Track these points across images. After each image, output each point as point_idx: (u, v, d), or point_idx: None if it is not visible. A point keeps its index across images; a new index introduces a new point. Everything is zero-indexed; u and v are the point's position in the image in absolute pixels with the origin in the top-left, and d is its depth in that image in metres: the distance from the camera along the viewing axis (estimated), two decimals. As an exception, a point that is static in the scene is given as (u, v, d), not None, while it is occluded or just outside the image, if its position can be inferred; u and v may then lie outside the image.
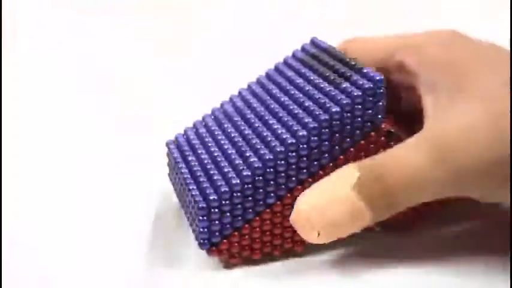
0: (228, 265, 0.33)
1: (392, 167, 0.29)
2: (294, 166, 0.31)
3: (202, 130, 0.35)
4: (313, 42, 0.35)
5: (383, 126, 0.31)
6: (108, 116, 0.50)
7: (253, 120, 0.33)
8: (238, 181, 0.30)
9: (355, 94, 0.30)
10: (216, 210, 0.30)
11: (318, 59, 0.34)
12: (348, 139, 0.31)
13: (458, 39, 0.33)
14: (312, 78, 0.33)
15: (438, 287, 0.32)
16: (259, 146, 0.31)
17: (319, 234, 0.29)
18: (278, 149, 0.30)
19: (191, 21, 0.61)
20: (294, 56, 0.36)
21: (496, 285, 0.31)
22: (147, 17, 0.61)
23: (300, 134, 0.30)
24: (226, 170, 0.31)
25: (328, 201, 0.29)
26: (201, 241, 0.31)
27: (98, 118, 0.50)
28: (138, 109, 0.50)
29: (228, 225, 0.31)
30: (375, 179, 0.29)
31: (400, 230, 0.35)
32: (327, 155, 0.31)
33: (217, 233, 0.31)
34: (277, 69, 0.35)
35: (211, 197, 0.30)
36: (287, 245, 0.33)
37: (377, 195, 0.29)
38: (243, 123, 0.33)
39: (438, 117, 0.30)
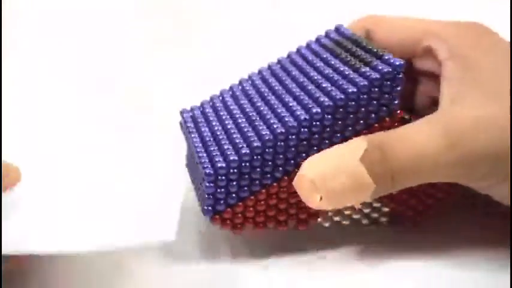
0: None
1: (401, 144, 0.29)
2: (305, 142, 0.31)
3: (219, 104, 0.35)
4: (337, 29, 0.35)
5: (398, 112, 0.31)
6: (108, 114, 0.50)
7: (269, 97, 0.33)
8: (247, 151, 0.30)
9: (374, 77, 0.30)
10: (223, 177, 0.31)
11: (341, 45, 0.34)
12: (362, 121, 0.31)
13: (487, 35, 0.33)
14: (332, 62, 0.33)
15: (442, 281, 0.32)
16: (272, 120, 0.31)
17: (321, 198, 0.29)
18: (290, 124, 0.30)
19: (194, 17, 0.61)
20: (317, 40, 0.36)
21: (498, 278, 0.31)
22: (147, 16, 0.61)
23: (314, 111, 0.30)
24: (237, 140, 0.31)
25: (334, 169, 0.29)
26: (206, 208, 0.32)
27: (98, 117, 0.50)
28: (138, 108, 0.50)
29: (233, 195, 0.31)
30: (382, 154, 0.29)
31: (407, 223, 0.35)
32: (338, 134, 0.31)
33: (222, 201, 0.31)
34: (298, 51, 0.36)
35: (219, 165, 0.30)
36: (291, 221, 0.33)
37: (382, 169, 0.29)
38: (259, 99, 0.33)
39: (454, 105, 0.31)
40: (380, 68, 0.30)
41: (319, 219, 0.34)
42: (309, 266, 0.33)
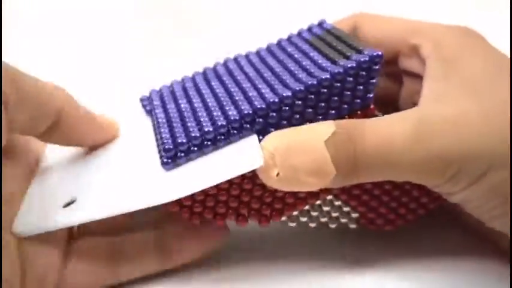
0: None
1: (370, 132, 0.28)
2: (272, 129, 0.29)
3: (189, 84, 0.34)
4: (320, 24, 0.34)
5: (371, 107, 0.30)
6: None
7: (241, 80, 0.31)
8: (211, 129, 0.29)
9: (349, 65, 0.29)
10: (182, 154, 0.29)
11: (322, 39, 0.33)
12: (333, 111, 0.30)
13: (474, 39, 0.33)
14: (311, 54, 0.32)
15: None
16: (240, 102, 0.30)
17: (278, 175, 0.27)
18: (258, 106, 0.29)
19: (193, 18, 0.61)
20: (299, 34, 0.35)
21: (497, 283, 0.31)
22: (146, 16, 0.61)
23: (284, 94, 0.29)
24: (202, 118, 0.30)
25: (297, 146, 0.28)
26: (165, 160, 0.29)
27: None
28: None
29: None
30: (348, 140, 0.28)
31: (374, 230, 0.34)
32: (308, 122, 0.29)
33: (182, 154, 0.29)
34: (279, 43, 0.34)
35: (179, 140, 0.29)
36: (252, 217, 0.31)
37: (345, 154, 0.28)
38: (231, 81, 0.32)
39: (430, 103, 0.30)
40: (357, 58, 0.29)
41: (283, 218, 0.32)
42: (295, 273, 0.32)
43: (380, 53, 0.29)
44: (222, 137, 0.29)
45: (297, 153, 0.27)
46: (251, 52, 0.35)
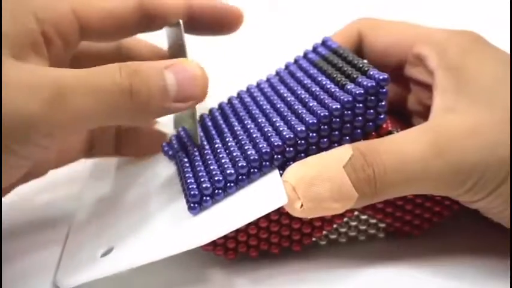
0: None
1: (387, 150, 0.29)
2: (291, 162, 0.30)
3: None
4: (324, 43, 0.35)
5: (384, 126, 0.31)
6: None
7: (257, 115, 0.32)
8: (232, 171, 0.30)
9: (357, 92, 0.30)
10: (208, 198, 0.30)
11: (328, 60, 0.34)
12: (348, 137, 0.30)
13: (479, 45, 0.33)
14: (319, 79, 0.32)
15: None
16: (257, 140, 0.31)
17: (302, 206, 0.28)
18: (275, 143, 0.30)
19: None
20: (305, 56, 0.35)
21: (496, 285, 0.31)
22: None
23: (299, 129, 0.30)
24: (223, 160, 0.31)
25: (317, 176, 0.28)
26: (192, 205, 0.30)
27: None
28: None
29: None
30: (367, 162, 0.28)
31: (403, 237, 0.35)
32: (324, 151, 0.30)
33: (207, 198, 0.30)
34: (287, 68, 0.35)
35: (203, 185, 0.30)
36: (284, 243, 0.33)
37: (366, 176, 0.28)
38: (247, 117, 0.33)
39: (444, 115, 0.30)
40: (364, 83, 0.30)
41: (314, 239, 0.33)
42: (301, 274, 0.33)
43: (386, 76, 0.30)
44: (244, 177, 0.30)
45: (318, 182, 0.28)
46: (262, 81, 0.35)
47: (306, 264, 0.33)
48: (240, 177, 0.30)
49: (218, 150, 0.32)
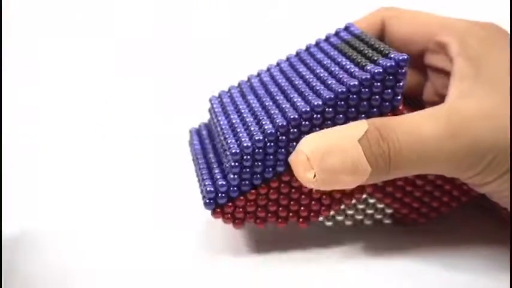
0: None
1: (402, 128, 0.29)
2: (306, 135, 0.30)
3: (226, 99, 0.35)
4: (347, 28, 0.35)
5: (400, 108, 0.31)
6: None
7: (274, 92, 0.33)
8: (249, 144, 0.30)
9: (375, 71, 0.30)
10: (223, 195, 0.31)
11: (350, 44, 0.34)
12: (363, 115, 0.31)
13: (501, 35, 0.33)
14: (339, 60, 0.33)
15: (441, 281, 0.32)
16: (274, 114, 0.31)
17: (315, 176, 0.29)
18: (291, 116, 0.30)
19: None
20: (326, 39, 0.36)
21: (497, 279, 0.31)
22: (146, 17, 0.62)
23: (315, 103, 0.30)
24: (240, 134, 0.31)
25: (332, 148, 0.29)
26: (207, 201, 0.32)
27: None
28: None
29: (235, 188, 0.31)
30: (382, 137, 0.29)
31: (409, 225, 0.35)
32: (340, 126, 0.31)
33: (223, 195, 0.31)
34: (308, 49, 0.36)
35: (219, 182, 0.31)
36: (292, 218, 0.33)
37: (380, 150, 0.29)
38: (265, 94, 0.33)
39: (460, 99, 0.31)
40: (384, 63, 0.30)
41: (320, 218, 0.33)
42: (309, 263, 0.33)
43: (406, 56, 0.30)
44: (260, 150, 0.30)
45: (332, 154, 0.29)
46: (282, 60, 0.36)
47: (310, 257, 0.34)
48: (256, 150, 0.30)
49: (235, 125, 0.32)
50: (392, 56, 0.31)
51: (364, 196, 0.34)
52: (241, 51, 0.57)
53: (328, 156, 0.29)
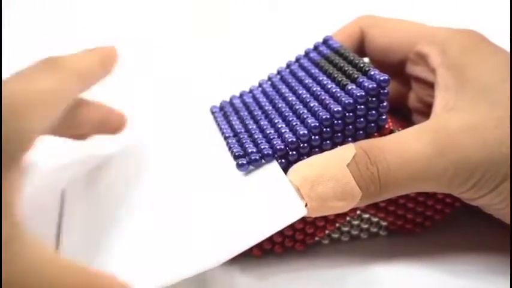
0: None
1: (390, 148, 0.29)
2: (293, 164, 0.30)
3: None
4: (325, 41, 0.35)
5: (386, 126, 0.31)
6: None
7: (259, 118, 0.33)
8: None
9: (358, 94, 0.30)
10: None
11: (329, 60, 0.34)
12: (350, 138, 0.31)
13: (481, 44, 0.33)
14: (320, 78, 0.32)
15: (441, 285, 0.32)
16: (260, 142, 0.31)
17: (306, 205, 0.29)
18: (278, 147, 0.30)
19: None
20: (306, 55, 0.35)
21: (497, 285, 0.31)
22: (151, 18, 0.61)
23: (301, 132, 0.30)
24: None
25: (321, 175, 0.29)
26: None
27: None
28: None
29: None
30: (370, 160, 0.29)
31: (405, 235, 0.35)
32: (327, 152, 0.31)
33: None
34: (288, 67, 0.35)
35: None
36: (288, 243, 0.33)
37: (369, 174, 0.29)
38: (248, 118, 0.33)
39: (444, 113, 0.30)
40: (365, 84, 0.30)
41: (317, 238, 0.34)
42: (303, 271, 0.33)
43: (386, 77, 0.30)
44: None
45: (321, 182, 0.28)
46: (264, 81, 0.35)
47: (308, 262, 0.33)
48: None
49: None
50: (372, 74, 0.31)
51: (358, 212, 0.34)
52: (241, 53, 0.57)
53: (318, 184, 0.29)
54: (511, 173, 0.29)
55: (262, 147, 0.30)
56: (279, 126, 0.31)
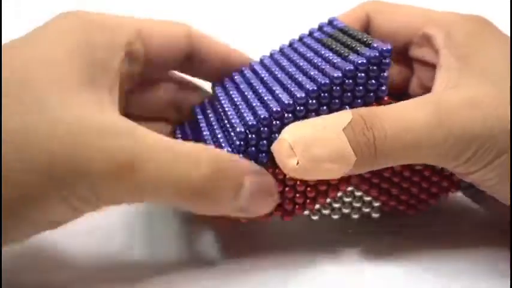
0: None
1: (388, 116, 0.29)
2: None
3: None
4: (330, 22, 0.35)
5: (386, 98, 0.31)
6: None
7: (257, 86, 0.33)
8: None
9: (359, 62, 0.30)
10: None
11: (333, 37, 0.34)
12: (347, 106, 0.30)
13: (486, 29, 0.33)
14: (322, 52, 0.32)
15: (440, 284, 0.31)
16: (257, 108, 0.31)
17: (298, 163, 0.28)
18: (274, 109, 0.30)
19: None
20: (310, 34, 0.35)
21: (497, 285, 0.31)
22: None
23: (298, 95, 0.30)
24: (217, 130, 0.32)
25: (316, 137, 0.28)
26: None
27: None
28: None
29: None
30: (367, 126, 0.28)
31: (398, 215, 0.34)
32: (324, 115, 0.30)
33: None
34: (291, 45, 0.35)
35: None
36: (275, 212, 0.32)
37: (365, 139, 0.28)
38: (247, 88, 0.33)
39: (446, 89, 0.30)
40: (367, 53, 0.30)
41: (306, 212, 0.33)
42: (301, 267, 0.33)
43: (389, 46, 0.30)
44: (242, 142, 0.30)
45: (316, 143, 0.28)
46: (265, 56, 0.35)
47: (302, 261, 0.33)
48: (238, 143, 0.30)
49: (213, 124, 0.32)
50: (375, 45, 0.30)
51: (350, 189, 0.33)
52: (236, 40, 0.57)
53: (312, 145, 0.28)
54: (511, 150, 0.29)
55: (258, 111, 0.30)
56: (277, 91, 0.31)
